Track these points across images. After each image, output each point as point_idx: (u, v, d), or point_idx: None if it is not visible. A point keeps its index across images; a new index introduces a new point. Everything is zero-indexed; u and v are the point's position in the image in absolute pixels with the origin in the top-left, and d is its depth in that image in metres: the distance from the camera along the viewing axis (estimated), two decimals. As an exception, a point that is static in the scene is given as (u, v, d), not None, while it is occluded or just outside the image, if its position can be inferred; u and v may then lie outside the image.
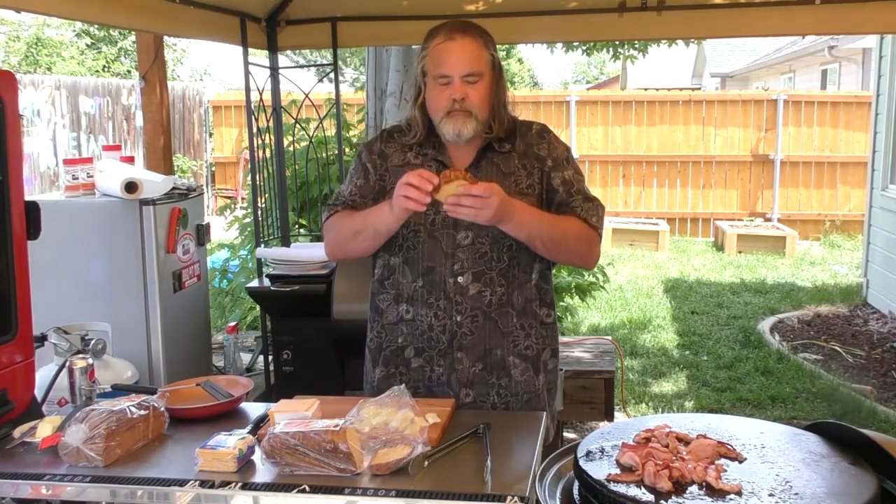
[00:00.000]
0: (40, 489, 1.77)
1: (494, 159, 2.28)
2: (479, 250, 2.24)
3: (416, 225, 2.25)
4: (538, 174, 2.29)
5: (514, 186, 2.25)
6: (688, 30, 4.88)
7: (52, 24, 18.87)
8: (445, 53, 2.18)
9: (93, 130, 12.31)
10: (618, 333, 6.92)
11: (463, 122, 2.19)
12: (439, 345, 2.27)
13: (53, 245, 2.99)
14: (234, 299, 5.86)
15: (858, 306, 7.88)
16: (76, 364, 2.20)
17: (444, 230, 2.24)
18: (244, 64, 4.09)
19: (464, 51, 2.18)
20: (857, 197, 11.31)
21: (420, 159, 2.29)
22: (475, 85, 2.19)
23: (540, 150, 2.32)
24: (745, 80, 20.96)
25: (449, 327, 2.25)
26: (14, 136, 2.08)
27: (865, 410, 5.07)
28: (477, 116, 2.20)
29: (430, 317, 2.26)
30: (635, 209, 12.28)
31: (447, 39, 2.19)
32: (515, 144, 2.31)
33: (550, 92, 16.00)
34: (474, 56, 2.19)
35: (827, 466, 1.71)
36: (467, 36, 2.19)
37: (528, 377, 2.32)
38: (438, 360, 2.28)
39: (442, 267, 2.24)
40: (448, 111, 2.19)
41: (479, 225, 2.17)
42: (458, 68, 2.17)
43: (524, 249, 2.25)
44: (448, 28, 2.22)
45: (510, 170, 2.28)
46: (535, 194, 2.27)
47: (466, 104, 2.18)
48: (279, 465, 1.75)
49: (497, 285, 2.25)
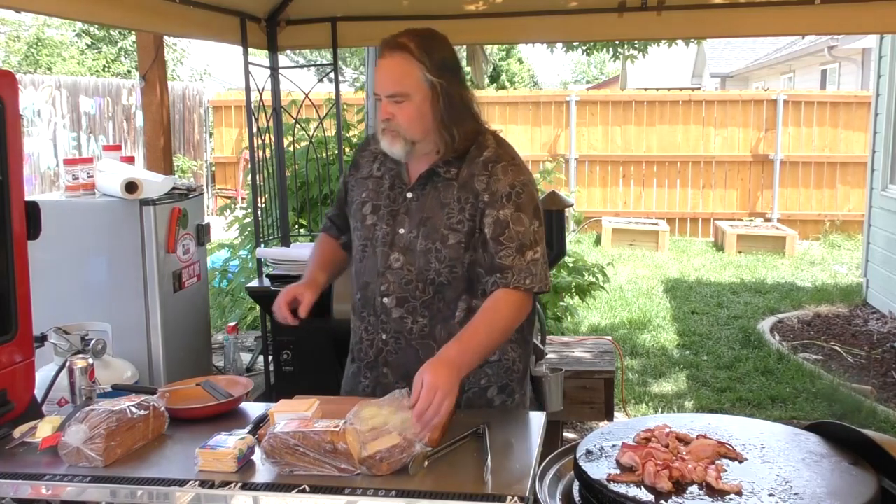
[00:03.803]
0: (40, 489, 1.76)
1: (438, 184, 2.17)
2: (406, 277, 2.17)
3: (365, 239, 2.25)
4: (470, 210, 2.13)
5: (445, 219, 2.14)
6: (688, 30, 4.88)
7: (53, 24, 18.86)
8: (376, 71, 2.14)
9: (93, 130, 12.30)
10: (618, 333, 6.91)
11: (392, 140, 2.13)
12: (367, 358, 2.27)
13: (53, 245, 2.98)
14: (234, 299, 5.86)
15: (858, 306, 7.88)
16: (76, 364, 2.20)
17: (382, 247, 2.20)
18: (244, 64, 4.09)
19: (387, 70, 2.10)
20: (857, 197, 11.30)
21: (381, 171, 2.27)
22: (402, 105, 2.09)
23: (478, 182, 2.13)
24: (745, 80, 20.96)
25: (376, 342, 2.24)
26: (14, 136, 2.08)
27: (865, 410, 5.07)
28: (405, 136, 2.11)
29: (361, 330, 2.28)
30: (635, 209, 12.28)
31: (379, 56, 2.13)
32: (460, 170, 2.16)
33: (550, 92, 16.00)
34: (398, 76, 2.08)
35: (827, 466, 1.71)
36: (397, 54, 2.09)
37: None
38: (366, 371, 2.28)
39: (374, 284, 2.22)
40: (381, 129, 2.14)
41: (410, 252, 2.15)
42: (383, 88, 2.11)
43: (450, 286, 2.15)
44: (384, 43, 2.13)
45: (447, 200, 2.16)
46: (464, 231, 2.13)
47: (392, 124, 2.11)
48: (279, 465, 1.75)
49: (419, 315, 2.18)
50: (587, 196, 12.24)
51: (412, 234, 2.17)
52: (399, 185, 2.23)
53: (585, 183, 12.31)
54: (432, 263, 2.14)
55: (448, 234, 2.13)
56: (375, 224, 2.22)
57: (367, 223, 2.24)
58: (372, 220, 2.23)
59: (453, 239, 2.12)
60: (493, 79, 22.59)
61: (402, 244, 2.17)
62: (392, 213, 2.21)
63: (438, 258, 2.14)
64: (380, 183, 2.26)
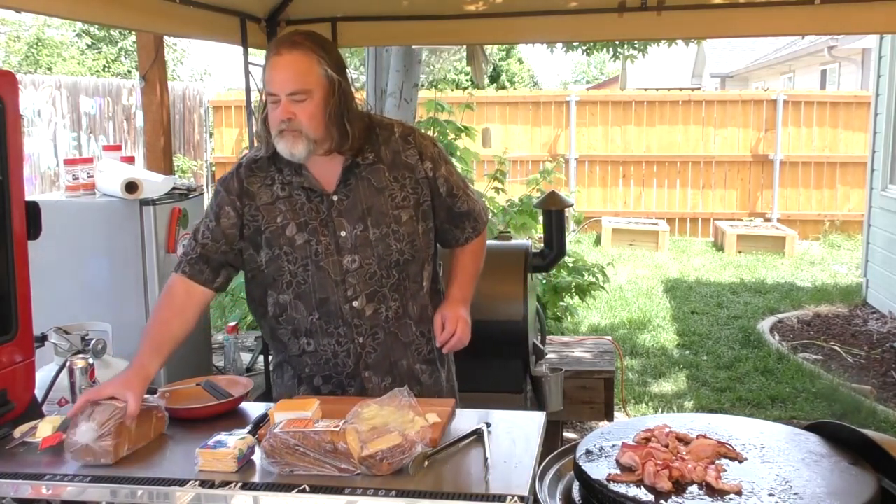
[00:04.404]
0: (40, 489, 1.76)
1: (363, 174, 2.19)
2: (368, 271, 2.19)
3: (304, 259, 2.18)
4: (411, 183, 2.22)
5: (389, 201, 2.19)
6: (688, 30, 4.88)
7: (53, 25, 18.89)
8: (273, 70, 2.08)
9: (93, 130, 12.30)
10: (618, 333, 6.92)
11: (293, 141, 2.08)
12: (346, 369, 2.26)
13: (53, 245, 2.98)
14: (234, 299, 5.86)
15: (858, 306, 7.88)
16: (76, 364, 2.20)
17: (328, 258, 2.18)
18: (244, 64, 4.09)
19: (289, 68, 2.06)
20: (857, 197, 11.31)
21: (287, 189, 2.20)
22: (303, 104, 2.06)
23: (408, 156, 2.23)
24: (744, 80, 20.96)
25: (353, 350, 2.23)
26: (15, 137, 2.08)
27: (865, 410, 5.07)
28: (308, 135, 2.08)
29: (332, 345, 2.24)
30: (635, 209, 12.29)
31: (275, 54, 2.08)
32: (381, 153, 2.21)
33: (550, 92, 15.99)
34: (300, 73, 2.06)
35: (827, 466, 1.71)
36: (295, 51, 2.06)
37: (436, 378, 2.35)
38: (349, 381, 2.27)
39: (335, 296, 2.19)
40: (279, 130, 2.09)
41: (363, 246, 2.17)
42: (284, 87, 2.06)
43: (411, 261, 2.23)
44: (278, 42, 2.12)
45: (382, 184, 2.20)
46: (412, 205, 2.21)
47: (294, 124, 2.07)
48: (279, 465, 1.75)
49: (391, 300, 2.22)
50: (587, 196, 12.24)
51: (357, 230, 2.18)
52: (315, 195, 2.19)
53: (585, 183, 12.31)
54: (392, 245, 2.19)
55: (399, 213, 2.21)
56: (309, 241, 2.17)
57: (299, 243, 2.18)
58: (303, 239, 2.18)
59: (405, 215, 2.21)
60: (493, 79, 22.61)
61: (351, 244, 2.17)
62: (322, 222, 2.18)
63: (397, 238, 2.20)
64: (292, 201, 2.19)
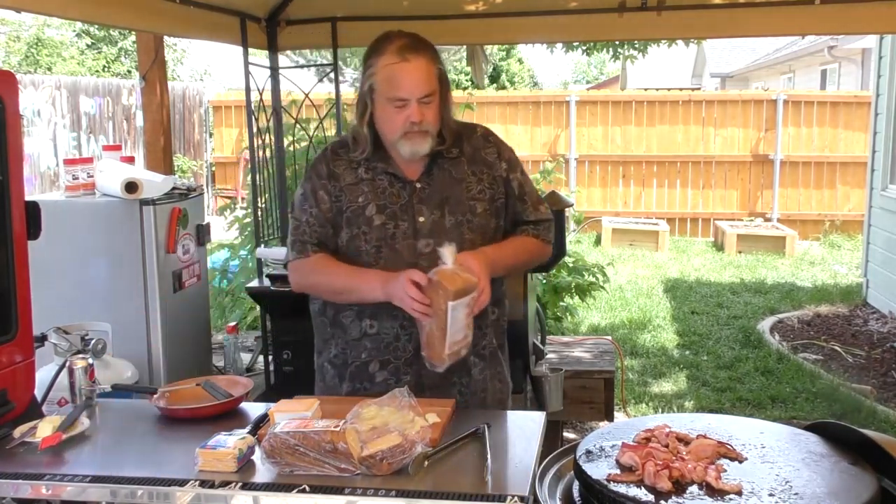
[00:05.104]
0: (40, 489, 1.76)
1: (445, 165, 2.28)
2: None
3: (379, 240, 2.23)
4: (488, 179, 2.30)
5: (465, 192, 2.27)
6: (688, 30, 4.88)
7: (53, 25, 18.89)
8: (400, 75, 2.13)
9: (93, 130, 12.30)
10: (618, 333, 6.91)
11: (420, 141, 2.18)
12: (406, 354, 2.26)
13: (53, 245, 2.99)
14: (234, 299, 5.86)
15: (858, 306, 7.88)
16: (76, 364, 2.20)
17: (404, 241, 2.22)
18: (244, 64, 4.09)
19: (419, 73, 2.13)
20: (857, 197, 11.30)
21: (371, 174, 2.26)
22: (430, 105, 2.16)
23: (488, 154, 2.32)
24: (744, 80, 20.96)
25: (415, 335, 2.22)
26: (14, 137, 2.08)
27: (865, 410, 5.07)
28: (432, 134, 2.19)
29: (395, 328, 2.25)
30: (635, 209, 12.28)
31: (401, 60, 2.13)
32: (463, 148, 2.31)
33: (550, 92, 16.00)
34: (429, 76, 2.15)
35: (827, 466, 1.71)
36: (420, 56, 2.14)
37: (485, 375, 2.36)
38: (405, 369, 2.27)
39: None
40: (405, 132, 2.16)
41: (438, 233, 2.21)
42: (416, 90, 2.13)
43: None
44: (399, 47, 2.15)
45: (461, 175, 2.28)
46: (486, 199, 2.29)
47: (423, 125, 2.16)
48: (279, 465, 1.75)
49: None
50: (587, 196, 12.24)
51: (434, 216, 2.23)
52: (398, 181, 2.25)
53: (585, 183, 12.31)
54: (465, 235, 2.24)
55: (475, 204, 2.27)
56: (386, 223, 2.22)
57: (376, 224, 2.23)
58: (381, 220, 2.23)
59: (480, 207, 2.27)
60: (493, 79, 22.58)
61: (427, 229, 2.22)
62: (403, 207, 2.24)
63: (470, 227, 2.25)
64: (375, 184, 2.26)
